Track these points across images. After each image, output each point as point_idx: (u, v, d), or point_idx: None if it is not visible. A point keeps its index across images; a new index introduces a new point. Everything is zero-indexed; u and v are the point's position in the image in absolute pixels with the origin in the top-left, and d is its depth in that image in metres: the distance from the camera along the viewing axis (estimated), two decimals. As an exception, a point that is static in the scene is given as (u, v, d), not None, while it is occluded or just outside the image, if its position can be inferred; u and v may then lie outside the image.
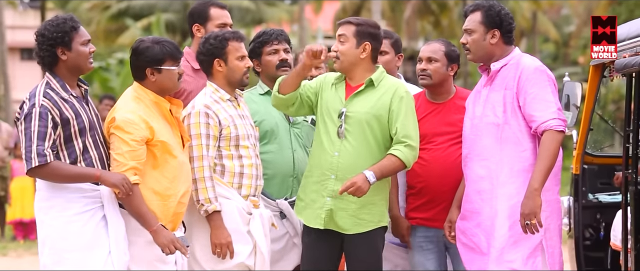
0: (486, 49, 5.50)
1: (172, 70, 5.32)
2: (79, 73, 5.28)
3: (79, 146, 5.14)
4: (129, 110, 5.26)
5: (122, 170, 5.15)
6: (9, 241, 14.34)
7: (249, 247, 5.53)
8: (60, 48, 5.16)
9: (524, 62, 5.45)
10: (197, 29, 6.05)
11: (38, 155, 4.98)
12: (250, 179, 5.57)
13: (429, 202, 5.87)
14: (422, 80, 5.92)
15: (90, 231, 5.13)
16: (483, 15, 5.47)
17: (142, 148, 5.20)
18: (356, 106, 5.56)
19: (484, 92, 5.53)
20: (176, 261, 5.35)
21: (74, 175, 5.09)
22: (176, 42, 5.62)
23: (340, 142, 5.54)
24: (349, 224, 5.59)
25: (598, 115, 7.48)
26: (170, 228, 5.30)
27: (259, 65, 6.01)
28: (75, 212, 5.12)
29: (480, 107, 5.52)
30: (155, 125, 5.25)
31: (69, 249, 5.10)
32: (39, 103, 5.06)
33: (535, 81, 5.36)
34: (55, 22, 5.19)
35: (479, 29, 5.48)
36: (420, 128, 5.77)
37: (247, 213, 5.54)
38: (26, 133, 5.04)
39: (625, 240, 5.98)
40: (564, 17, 40.72)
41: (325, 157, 5.56)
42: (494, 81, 5.50)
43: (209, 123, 5.47)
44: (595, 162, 7.14)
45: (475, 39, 5.49)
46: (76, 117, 5.14)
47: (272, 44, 5.97)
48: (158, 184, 5.27)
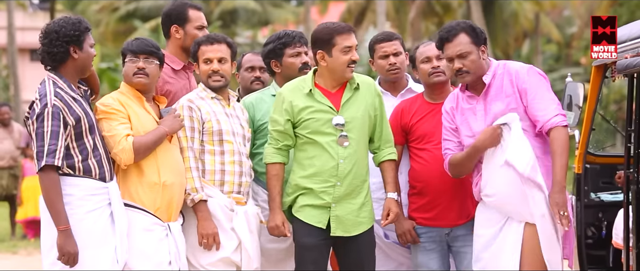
0: (482, 67, 5.48)
1: (128, 64, 5.44)
2: (82, 74, 5.34)
3: (90, 143, 5.21)
4: (109, 96, 5.43)
5: (119, 139, 5.28)
6: (19, 240, 14.40)
7: (233, 243, 5.56)
8: (74, 46, 5.22)
9: (512, 67, 5.48)
10: (175, 30, 6.00)
11: (48, 154, 5.05)
12: (233, 176, 5.60)
13: (431, 202, 5.90)
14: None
15: (100, 229, 5.20)
16: (470, 36, 5.46)
17: (128, 123, 5.34)
18: (351, 111, 5.62)
19: (479, 107, 5.51)
20: (170, 251, 5.40)
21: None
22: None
23: (344, 150, 5.59)
24: (352, 226, 5.67)
25: (600, 115, 7.46)
26: (166, 218, 5.39)
27: (278, 66, 6.01)
28: (87, 210, 5.19)
29: (479, 122, 5.49)
30: (131, 112, 5.38)
31: (81, 246, 5.14)
32: (51, 103, 5.11)
33: (531, 82, 5.41)
34: (70, 20, 5.26)
35: (473, 50, 5.45)
36: (421, 128, 5.88)
37: (229, 210, 5.56)
38: (38, 133, 5.09)
39: (626, 238, 6.00)
40: (566, 18, 40.59)
41: (330, 163, 5.58)
42: (487, 95, 5.48)
43: (193, 116, 5.55)
44: (597, 162, 7.14)
45: (473, 60, 5.44)
46: (85, 115, 5.22)
47: (295, 46, 5.99)
48: (140, 173, 5.37)
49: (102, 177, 5.24)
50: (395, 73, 6.16)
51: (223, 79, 5.62)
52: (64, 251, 5.08)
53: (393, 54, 6.12)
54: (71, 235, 5.09)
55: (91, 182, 5.19)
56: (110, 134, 5.32)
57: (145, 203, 5.37)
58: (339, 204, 5.62)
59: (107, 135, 5.32)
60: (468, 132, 5.55)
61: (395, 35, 6.26)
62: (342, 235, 5.64)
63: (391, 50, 6.13)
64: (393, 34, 6.29)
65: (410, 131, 5.96)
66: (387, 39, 6.18)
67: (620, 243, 6.34)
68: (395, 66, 6.14)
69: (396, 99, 6.21)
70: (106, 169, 5.27)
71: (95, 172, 5.21)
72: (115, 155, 5.32)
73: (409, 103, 6.05)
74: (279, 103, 5.64)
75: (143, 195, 5.37)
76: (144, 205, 5.37)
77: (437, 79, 5.92)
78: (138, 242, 5.33)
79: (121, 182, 5.38)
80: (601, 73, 6.67)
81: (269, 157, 5.64)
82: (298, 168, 5.65)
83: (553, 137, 5.32)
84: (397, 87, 6.27)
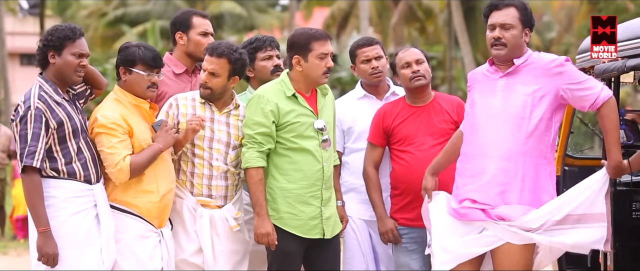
0: (521, 47, 5.28)
1: (140, 75, 5.39)
2: (66, 81, 5.31)
3: (74, 147, 5.23)
4: (109, 108, 5.37)
5: (118, 159, 5.25)
6: (9, 240, 14.37)
7: (194, 245, 5.58)
8: (51, 51, 5.23)
9: (546, 58, 5.29)
10: (180, 36, 6.11)
11: (28, 155, 5.07)
12: (201, 179, 5.59)
13: (412, 202, 5.92)
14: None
15: (84, 230, 5.21)
16: (520, 12, 5.27)
17: (128, 140, 5.33)
18: (325, 116, 5.69)
19: (500, 83, 5.30)
20: (162, 257, 5.44)
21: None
22: (166, 50, 5.70)
23: (326, 152, 5.66)
24: (335, 226, 5.75)
25: (578, 118, 7.39)
26: (157, 225, 5.43)
27: (251, 71, 6.07)
28: (72, 212, 5.20)
29: (498, 98, 5.29)
30: (134, 125, 5.37)
31: (65, 247, 5.15)
32: (34, 106, 5.12)
33: (569, 67, 5.24)
34: (58, 27, 5.29)
35: (518, 26, 5.26)
36: (402, 130, 5.97)
37: (195, 210, 5.59)
38: (21, 135, 5.10)
39: None
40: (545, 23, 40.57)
41: (315, 167, 5.61)
42: (515, 75, 5.27)
43: (168, 112, 5.61)
44: (576, 164, 7.13)
45: (515, 35, 5.25)
46: (69, 119, 5.22)
47: (266, 50, 6.06)
48: (140, 182, 5.37)
49: (87, 180, 5.26)
50: (378, 76, 6.26)
51: (208, 91, 5.59)
52: (43, 252, 5.10)
53: (375, 58, 6.21)
54: (51, 236, 5.10)
55: (75, 184, 5.22)
56: (110, 152, 5.29)
57: (141, 210, 5.39)
58: (325, 207, 5.67)
59: (105, 151, 5.30)
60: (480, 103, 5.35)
61: (376, 40, 6.35)
62: (329, 237, 5.69)
63: (373, 54, 6.21)
64: (373, 38, 6.38)
65: (392, 133, 6.05)
66: (368, 43, 6.26)
67: (598, 244, 6.42)
68: (378, 70, 6.22)
69: (381, 102, 6.30)
70: (92, 172, 5.28)
71: (80, 174, 5.23)
72: (111, 173, 5.31)
73: (391, 106, 6.15)
74: (260, 106, 5.56)
75: (139, 203, 5.38)
76: (140, 212, 5.39)
77: (418, 83, 6.00)
78: (133, 249, 5.37)
79: (119, 188, 5.38)
80: (580, 78, 6.78)
81: (253, 161, 5.52)
82: (279, 174, 5.60)
83: (604, 113, 5.18)
84: (380, 90, 6.36)
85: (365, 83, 6.37)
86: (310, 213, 5.61)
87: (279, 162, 5.60)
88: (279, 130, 5.57)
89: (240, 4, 33.25)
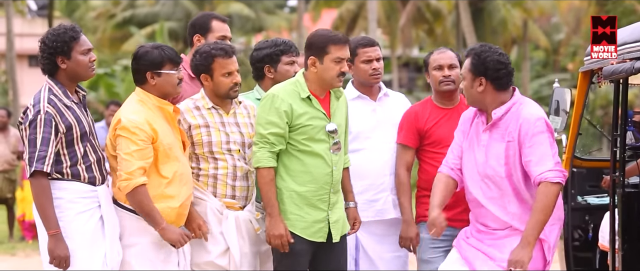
0: (475, 97, 5.34)
1: (171, 75, 5.39)
2: (79, 80, 5.33)
3: (80, 150, 5.23)
4: (134, 111, 5.33)
5: (130, 170, 5.21)
6: (18, 242, 14.41)
7: (220, 247, 5.56)
8: (60, 57, 5.21)
9: (524, 114, 5.24)
10: (198, 39, 6.11)
11: (38, 160, 5.06)
12: (226, 179, 5.58)
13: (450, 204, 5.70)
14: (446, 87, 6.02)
15: (90, 231, 5.22)
16: (471, 61, 5.30)
17: (149, 147, 5.27)
18: (337, 119, 5.66)
19: (484, 138, 5.36)
20: (179, 263, 5.43)
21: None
22: (176, 49, 5.70)
23: (336, 156, 5.63)
24: (343, 228, 5.74)
25: (586, 120, 7.42)
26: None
27: (271, 72, 6.03)
28: (77, 212, 5.21)
29: (481, 154, 5.34)
30: (159, 128, 5.33)
31: (75, 248, 5.17)
32: (44, 110, 5.12)
33: (534, 133, 5.18)
34: (57, 31, 5.25)
35: (467, 76, 5.33)
36: (436, 132, 5.99)
37: (220, 213, 5.57)
38: (30, 139, 5.10)
39: (612, 240, 6.03)
40: (554, 25, 40.63)
41: (325, 171, 5.59)
42: (495, 129, 5.32)
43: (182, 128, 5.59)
44: (584, 166, 7.16)
45: (465, 86, 5.36)
46: (78, 122, 5.22)
47: (291, 54, 6.05)
48: (161, 186, 5.33)
49: (91, 182, 5.26)
50: (377, 78, 6.25)
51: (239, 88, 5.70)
52: (54, 255, 5.11)
53: (376, 59, 6.21)
54: (62, 238, 5.11)
55: (79, 185, 5.22)
56: (126, 158, 5.23)
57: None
58: (332, 211, 5.65)
59: (121, 155, 5.24)
60: (470, 157, 5.42)
61: (376, 41, 6.34)
62: (337, 240, 5.67)
63: (375, 56, 6.20)
64: (374, 39, 6.36)
65: (426, 135, 6.07)
66: (371, 44, 6.22)
67: (607, 246, 6.36)
68: (378, 71, 6.22)
69: (376, 103, 6.30)
70: (96, 174, 5.28)
71: (84, 176, 5.24)
72: (119, 175, 5.26)
73: (420, 107, 6.17)
74: (275, 105, 5.52)
75: (158, 207, 5.31)
76: None
77: (446, 88, 6.05)
78: (149, 254, 5.36)
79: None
80: (588, 79, 6.72)
81: (264, 161, 5.50)
82: (288, 175, 5.57)
83: (538, 192, 5.13)
84: (374, 91, 6.34)
85: (359, 84, 6.34)
86: (316, 217, 5.59)
87: (288, 163, 5.58)
88: (291, 131, 5.54)
89: (249, 5, 33.26)
